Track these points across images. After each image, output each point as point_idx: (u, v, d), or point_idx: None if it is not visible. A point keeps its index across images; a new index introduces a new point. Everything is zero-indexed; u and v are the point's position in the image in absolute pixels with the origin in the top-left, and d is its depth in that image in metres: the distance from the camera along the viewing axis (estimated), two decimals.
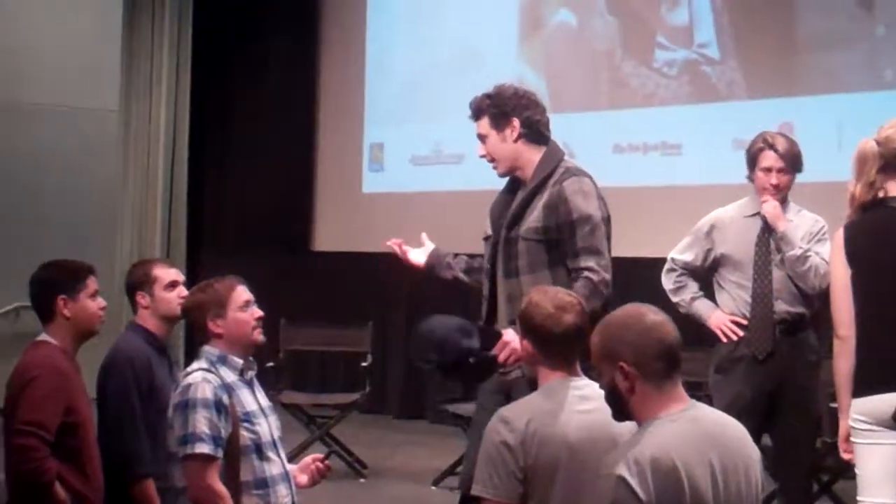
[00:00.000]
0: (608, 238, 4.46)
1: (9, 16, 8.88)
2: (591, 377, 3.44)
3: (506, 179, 4.68)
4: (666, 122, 8.46)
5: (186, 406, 3.86)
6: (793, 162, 5.19)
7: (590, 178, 4.53)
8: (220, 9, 10.90)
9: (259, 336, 4.06)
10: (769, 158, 5.19)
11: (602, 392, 3.37)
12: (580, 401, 3.41)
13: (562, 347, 3.48)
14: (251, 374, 4.07)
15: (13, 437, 4.06)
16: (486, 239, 4.64)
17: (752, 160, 5.25)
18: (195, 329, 4.08)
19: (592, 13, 8.93)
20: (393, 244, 4.95)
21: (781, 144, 5.18)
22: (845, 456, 4.27)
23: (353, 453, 7.85)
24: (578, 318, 3.48)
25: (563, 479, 3.32)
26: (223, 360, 3.99)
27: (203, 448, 3.82)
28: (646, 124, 8.55)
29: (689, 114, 8.37)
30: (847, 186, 4.21)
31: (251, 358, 4.09)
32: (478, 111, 4.59)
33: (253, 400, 4.02)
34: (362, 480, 7.66)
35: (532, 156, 4.54)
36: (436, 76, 9.69)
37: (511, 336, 4.14)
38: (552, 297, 3.52)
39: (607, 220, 4.48)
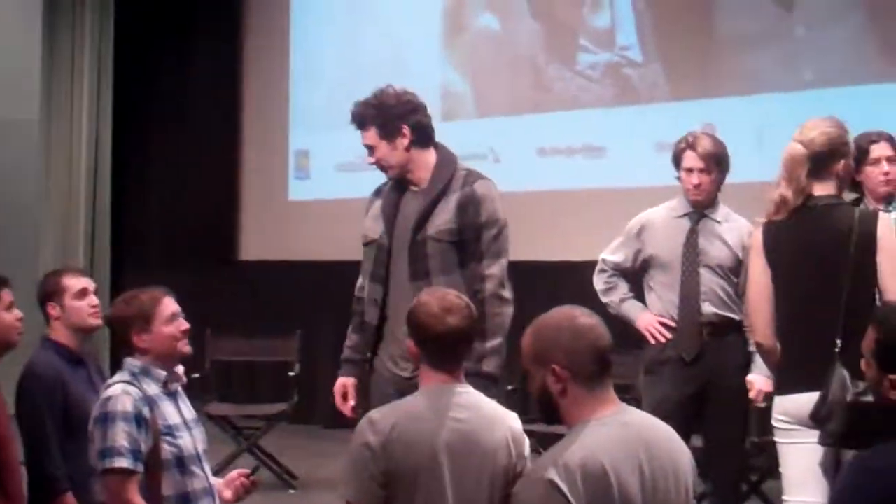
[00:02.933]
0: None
1: None
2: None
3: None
4: (590, 124, 8.48)
5: (106, 419, 3.80)
6: (715, 162, 5.18)
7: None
8: (141, 18, 10.79)
9: (185, 348, 3.99)
10: (690, 159, 5.20)
11: (475, 402, 3.40)
12: (455, 408, 3.36)
13: (442, 349, 3.42)
14: (175, 386, 4.00)
15: None
16: (370, 243, 4.63)
17: (676, 160, 5.26)
18: (119, 342, 4.00)
19: (515, 17, 8.93)
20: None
21: (703, 144, 5.18)
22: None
23: (281, 464, 7.79)
24: (462, 322, 3.42)
25: (424, 486, 3.27)
26: (146, 372, 3.92)
27: (122, 462, 3.76)
28: (570, 127, 8.57)
29: (613, 116, 8.40)
30: (771, 189, 4.23)
31: (177, 370, 4.02)
32: (362, 121, 4.57)
33: (176, 412, 3.95)
34: (292, 491, 7.60)
35: (424, 158, 4.57)
36: (361, 82, 9.50)
37: None
38: (440, 298, 3.47)
39: (506, 223, 4.55)
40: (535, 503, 2.80)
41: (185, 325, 3.98)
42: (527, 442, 3.46)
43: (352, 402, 4.67)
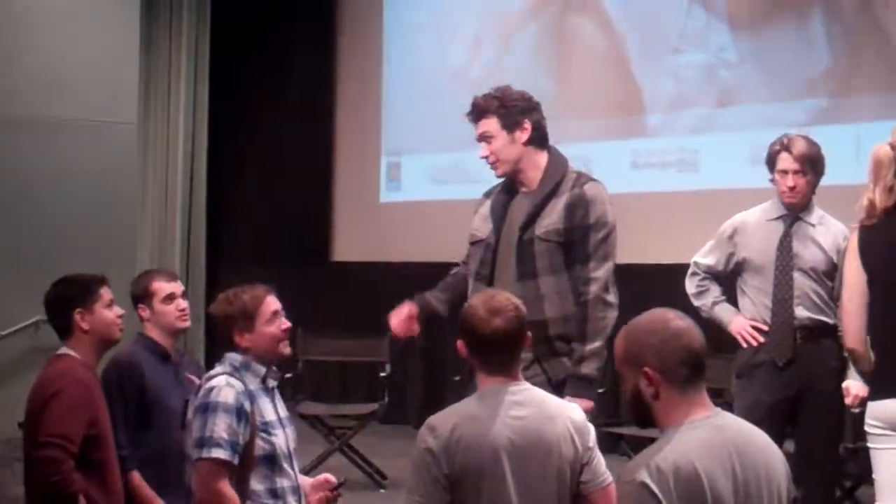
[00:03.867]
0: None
1: (27, 31, 8.90)
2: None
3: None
4: (684, 128, 8.44)
5: (207, 409, 3.80)
6: (810, 164, 5.13)
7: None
8: (238, 23, 10.93)
9: (286, 349, 4.00)
10: (784, 161, 5.15)
11: (532, 398, 3.40)
12: (513, 406, 3.36)
13: (491, 351, 3.41)
14: (273, 382, 4.03)
15: (38, 449, 4.04)
16: (477, 242, 4.61)
17: (771, 162, 5.22)
18: (221, 339, 4.02)
19: (608, 19, 8.90)
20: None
21: (798, 146, 5.13)
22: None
23: (372, 464, 7.83)
24: (509, 324, 3.40)
25: (488, 486, 3.28)
26: (246, 367, 3.93)
27: (220, 453, 3.75)
28: (664, 131, 8.54)
29: (707, 118, 8.34)
30: (862, 193, 4.20)
31: (274, 367, 4.05)
32: (484, 111, 4.53)
33: (272, 410, 3.97)
34: (382, 491, 7.65)
35: (537, 159, 4.54)
36: (453, 86, 9.70)
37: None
38: (487, 300, 3.45)
39: (615, 226, 4.52)
40: None
41: (287, 324, 3.99)
42: (592, 431, 3.45)
43: (403, 322, 4.64)
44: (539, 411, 3.38)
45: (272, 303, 3.99)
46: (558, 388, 4.23)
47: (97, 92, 9.06)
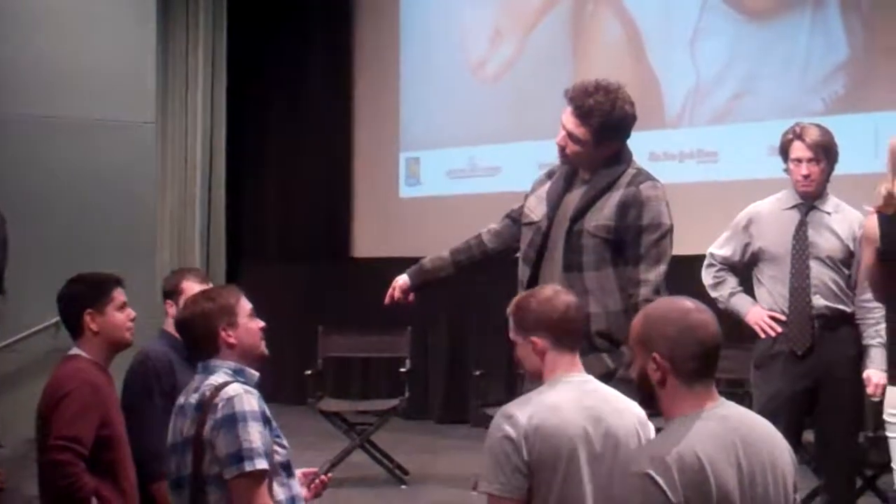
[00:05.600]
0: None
1: (44, 30, 8.92)
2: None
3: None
4: (702, 119, 8.43)
5: (234, 420, 3.48)
6: (824, 152, 5.10)
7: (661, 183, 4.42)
8: (255, 19, 10.97)
9: (265, 349, 3.79)
10: (797, 149, 5.12)
11: (601, 391, 3.41)
12: (584, 396, 3.37)
13: (568, 326, 3.43)
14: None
15: (48, 452, 4.03)
16: (529, 224, 4.48)
17: (784, 151, 5.19)
18: (200, 341, 3.72)
19: (625, 11, 8.90)
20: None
21: (810, 134, 5.10)
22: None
23: (393, 460, 7.83)
24: (573, 297, 3.48)
25: (563, 474, 3.28)
26: (240, 373, 3.69)
27: (262, 464, 3.48)
28: (682, 122, 8.53)
29: (727, 109, 8.32)
30: (881, 183, 4.18)
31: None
32: (577, 106, 4.38)
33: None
34: (404, 487, 7.64)
35: (603, 157, 4.39)
36: (469, 88, 9.71)
37: None
38: (540, 289, 3.55)
39: (672, 228, 4.38)
40: (633, 498, 2.79)
41: (262, 323, 3.80)
42: (652, 428, 3.44)
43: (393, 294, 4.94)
44: (607, 404, 3.39)
45: (247, 301, 3.81)
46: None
47: (116, 92, 9.07)
